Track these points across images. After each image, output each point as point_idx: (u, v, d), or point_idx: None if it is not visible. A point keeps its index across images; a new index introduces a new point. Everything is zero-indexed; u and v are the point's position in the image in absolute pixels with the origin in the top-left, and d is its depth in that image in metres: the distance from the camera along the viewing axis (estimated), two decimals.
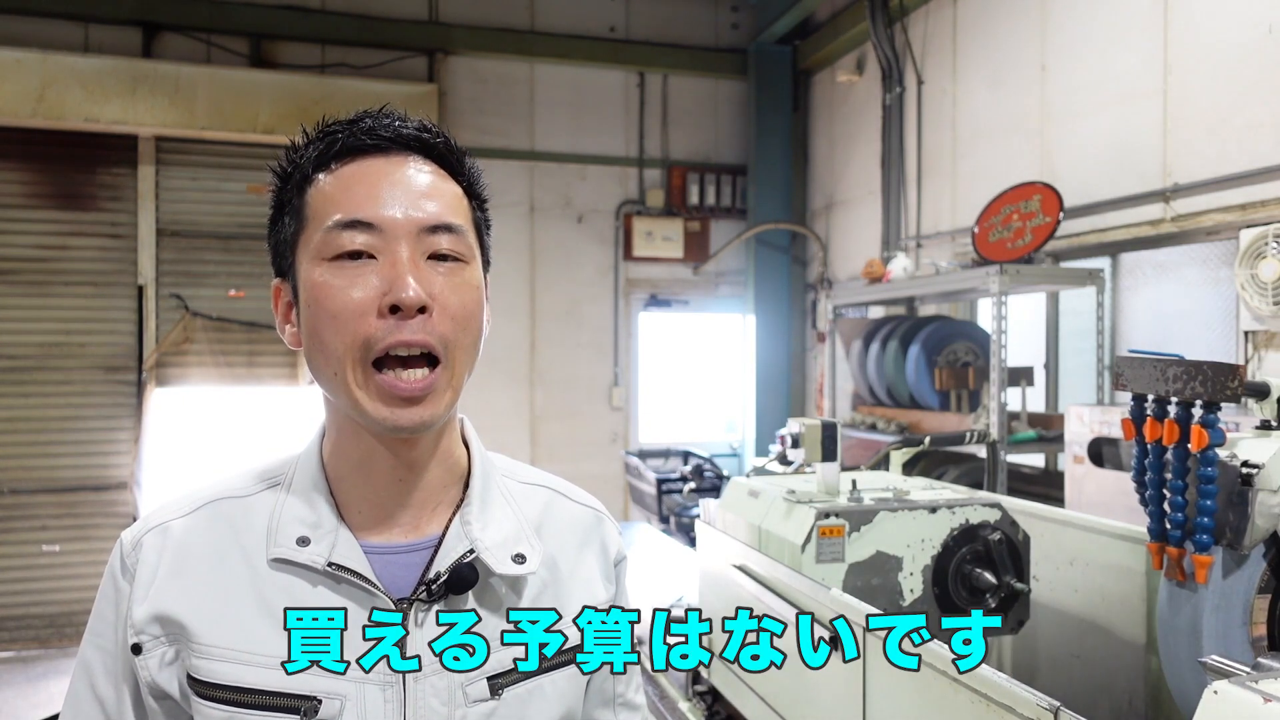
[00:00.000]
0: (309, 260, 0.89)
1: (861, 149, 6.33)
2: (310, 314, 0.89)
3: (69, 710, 0.94)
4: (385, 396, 0.86)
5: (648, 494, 5.80)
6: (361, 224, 0.87)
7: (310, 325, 0.89)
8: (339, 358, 0.87)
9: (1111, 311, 4.27)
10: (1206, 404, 1.73)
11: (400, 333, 0.85)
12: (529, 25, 6.76)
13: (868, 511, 2.28)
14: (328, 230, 0.87)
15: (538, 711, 0.94)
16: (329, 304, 0.86)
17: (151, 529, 0.93)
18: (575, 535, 1.04)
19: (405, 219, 0.88)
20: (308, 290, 0.89)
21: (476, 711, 0.90)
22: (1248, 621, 1.75)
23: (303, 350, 0.92)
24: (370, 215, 0.87)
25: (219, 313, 6.03)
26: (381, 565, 0.91)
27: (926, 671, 1.67)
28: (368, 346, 0.86)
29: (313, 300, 0.88)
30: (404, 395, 0.86)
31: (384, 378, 0.86)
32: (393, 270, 0.86)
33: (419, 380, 0.87)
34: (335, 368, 0.87)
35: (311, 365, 0.91)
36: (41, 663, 5.48)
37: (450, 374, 0.89)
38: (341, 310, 0.86)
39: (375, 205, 0.87)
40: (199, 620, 0.88)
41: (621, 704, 1.09)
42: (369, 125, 0.91)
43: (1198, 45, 3.70)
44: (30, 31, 5.72)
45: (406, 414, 0.87)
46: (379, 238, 0.87)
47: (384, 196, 0.88)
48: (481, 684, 0.91)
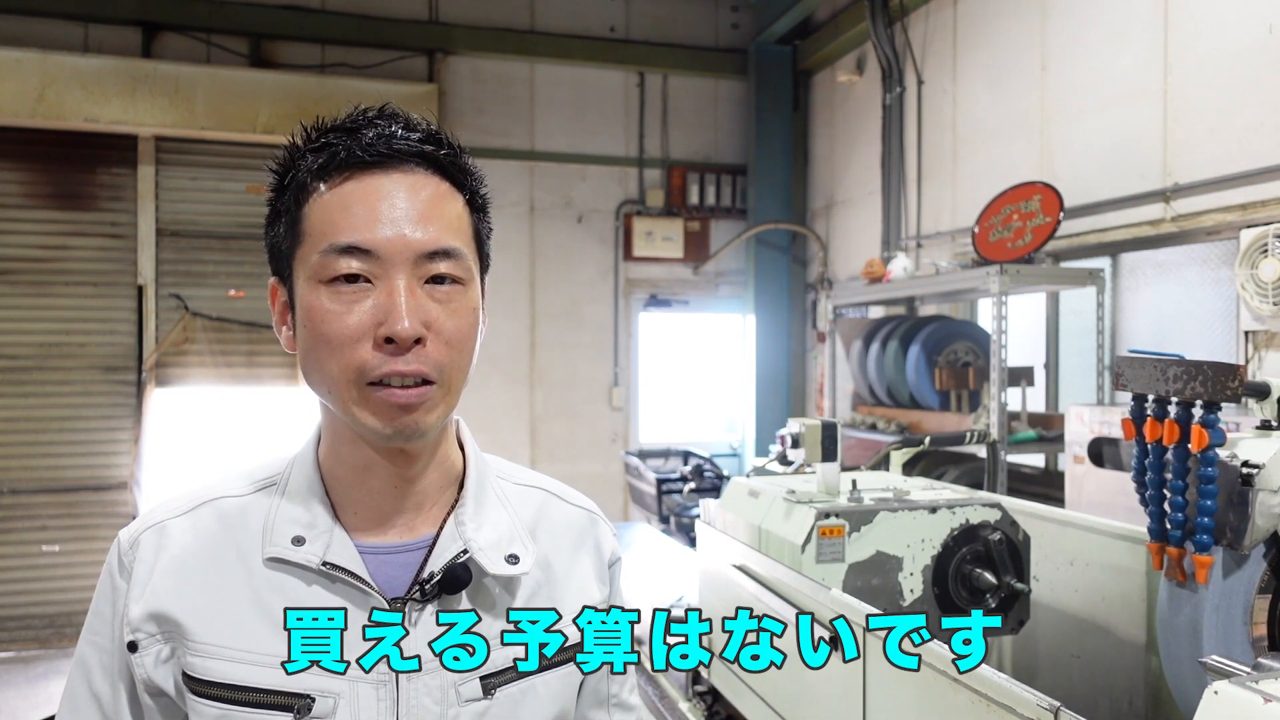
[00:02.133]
0: (305, 279, 0.89)
1: (861, 149, 6.33)
2: (306, 334, 0.89)
3: (66, 707, 0.95)
4: (381, 408, 0.87)
5: (648, 494, 5.80)
6: (359, 250, 0.86)
7: (306, 345, 0.90)
8: (334, 379, 0.88)
9: (1111, 311, 4.27)
10: (1207, 404, 1.73)
11: (394, 364, 0.86)
12: (529, 25, 6.76)
13: (868, 511, 2.28)
14: (324, 254, 0.87)
15: (531, 711, 0.94)
16: (325, 330, 0.87)
17: (148, 528, 0.94)
18: (569, 537, 1.05)
19: (403, 245, 0.87)
20: (304, 311, 0.89)
21: (469, 711, 0.91)
22: (1248, 621, 1.75)
23: (299, 359, 0.93)
24: (367, 241, 0.86)
25: (219, 313, 6.03)
26: (376, 565, 0.92)
27: (926, 671, 1.67)
28: (362, 373, 0.86)
29: (309, 322, 0.88)
30: (399, 403, 0.87)
31: (379, 394, 0.87)
32: (389, 300, 0.86)
33: (413, 390, 0.87)
34: (330, 387, 0.88)
35: (307, 378, 0.92)
36: (41, 663, 5.48)
37: (445, 391, 0.90)
38: (337, 337, 0.86)
39: (373, 229, 0.86)
40: (194, 618, 0.89)
41: (616, 704, 1.09)
42: (369, 139, 0.89)
43: (1198, 45, 3.70)
44: (30, 31, 5.72)
45: (402, 421, 0.87)
46: (376, 264, 0.86)
47: (382, 219, 0.87)
48: (475, 683, 0.91)
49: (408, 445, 0.91)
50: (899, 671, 1.77)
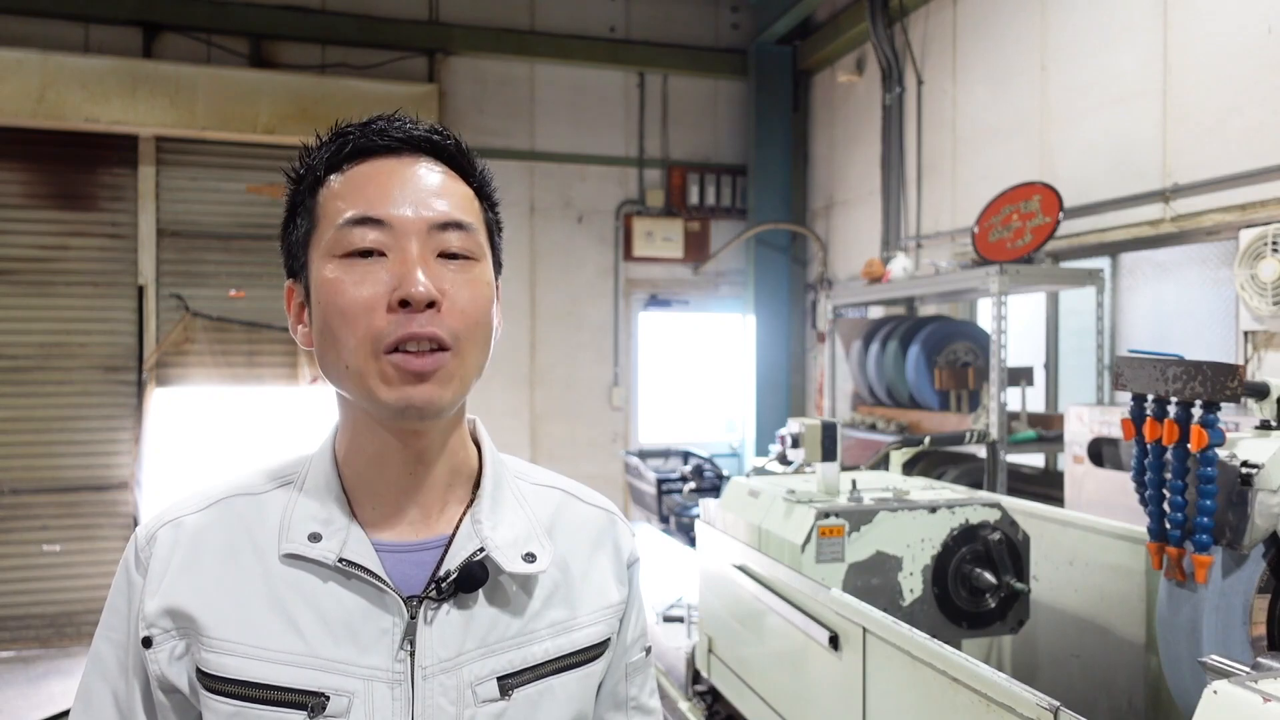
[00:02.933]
0: (320, 257, 0.90)
1: (861, 149, 6.33)
2: (321, 310, 0.90)
3: (80, 703, 0.95)
4: (396, 375, 0.87)
5: (648, 494, 5.80)
6: (372, 221, 0.88)
7: (321, 321, 0.90)
8: (350, 351, 0.88)
9: (1111, 311, 4.27)
10: (1206, 404, 1.74)
11: (409, 326, 0.86)
12: (529, 25, 6.76)
13: (868, 511, 2.28)
14: (339, 228, 0.89)
15: (548, 713, 0.94)
16: (339, 300, 0.87)
17: (166, 524, 0.94)
18: (587, 537, 1.05)
19: (415, 216, 0.89)
20: (319, 287, 0.90)
21: (486, 712, 0.91)
22: (1247, 621, 1.75)
23: (314, 349, 0.93)
24: (381, 213, 0.88)
25: (219, 313, 6.04)
26: (392, 563, 0.92)
27: (927, 671, 1.68)
28: (378, 340, 0.86)
29: (324, 296, 0.89)
30: (414, 370, 0.86)
31: (394, 357, 0.87)
32: (402, 267, 0.87)
33: (429, 357, 0.87)
34: (347, 360, 0.88)
35: (323, 362, 0.92)
36: (42, 663, 5.48)
37: (459, 362, 0.89)
38: (351, 305, 0.87)
39: (386, 203, 0.89)
40: (210, 614, 0.89)
41: (635, 707, 1.08)
42: (380, 126, 0.92)
43: (1197, 45, 3.70)
44: (31, 32, 5.72)
45: (417, 391, 0.87)
46: (389, 235, 0.88)
47: (394, 195, 0.89)
48: (491, 684, 0.91)
49: (420, 425, 0.91)
50: (899, 671, 1.77)
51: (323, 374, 0.93)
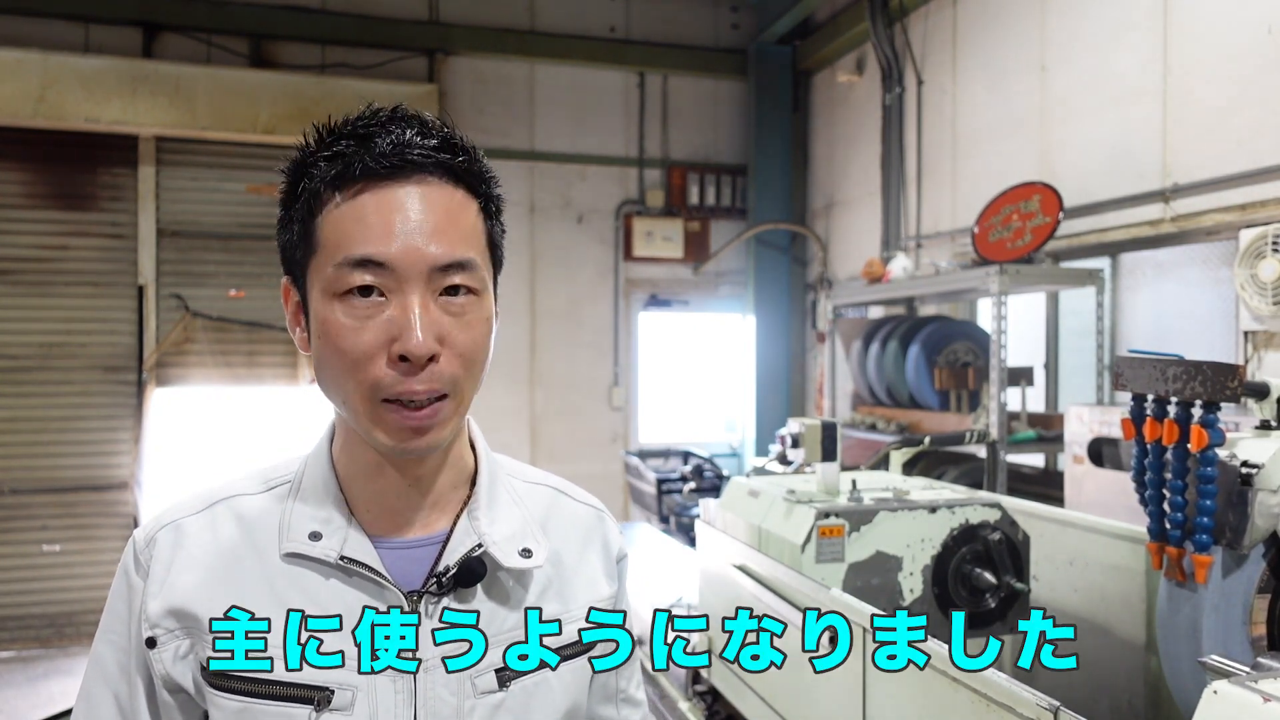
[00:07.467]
0: (320, 291, 0.89)
1: (861, 149, 6.33)
2: (321, 346, 0.90)
3: (82, 706, 0.96)
4: (394, 428, 0.88)
5: (648, 494, 5.80)
6: (373, 263, 0.86)
7: (320, 357, 0.90)
8: (349, 392, 0.89)
9: (1111, 311, 4.27)
10: (1206, 404, 1.74)
11: (408, 383, 0.86)
12: (529, 25, 6.76)
13: (867, 511, 2.28)
14: (338, 266, 0.87)
15: (544, 704, 0.96)
16: (340, 343, 0.87)
17: (164, 526, 0.95)
18: (578, 533, 1.07)
19: (418, 258, 0.87)
20: (319, 324, 0.89)
21: (485, 703, 0.93)
22: (1247, 621, 1.75)
23: (312, 366, 0.94)
24: (381, 254, 0.86)
25: (219, 313, 6.03)
26: (391, 560, 0.93)
27: (927, 671, 1.68)
28: (376, 389, 0.87)
29: (323, 335, 0.89)
30: (413, 425, 0.88)
31: (393, 415, 0.88)
32: (403, 316, 0.86)
33: (427, 408, 0.88)
34: (344, 399, 0.90)
35: (321, 384, 0.93)
36: (42, 663, 5.48)
37: (457, 402, 0.91)
38: (351, 353, 0.87)
39: (387, 242, 0.86)
40: (213, 612, 0.90)
41: (624, 699, 1.11)
42: (383, 149, 0.87)
43: (1198, 45, 3.70)
44: (30, 32, 5.72)
45: (414, 442, 0.89)
46: (390, 277, 0.86)
47: (396, 232, 0.86)
48: (490, 676, 0.93)
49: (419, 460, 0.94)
50: (899, 671, 1.77)
51: (321, 390, 0.94)
